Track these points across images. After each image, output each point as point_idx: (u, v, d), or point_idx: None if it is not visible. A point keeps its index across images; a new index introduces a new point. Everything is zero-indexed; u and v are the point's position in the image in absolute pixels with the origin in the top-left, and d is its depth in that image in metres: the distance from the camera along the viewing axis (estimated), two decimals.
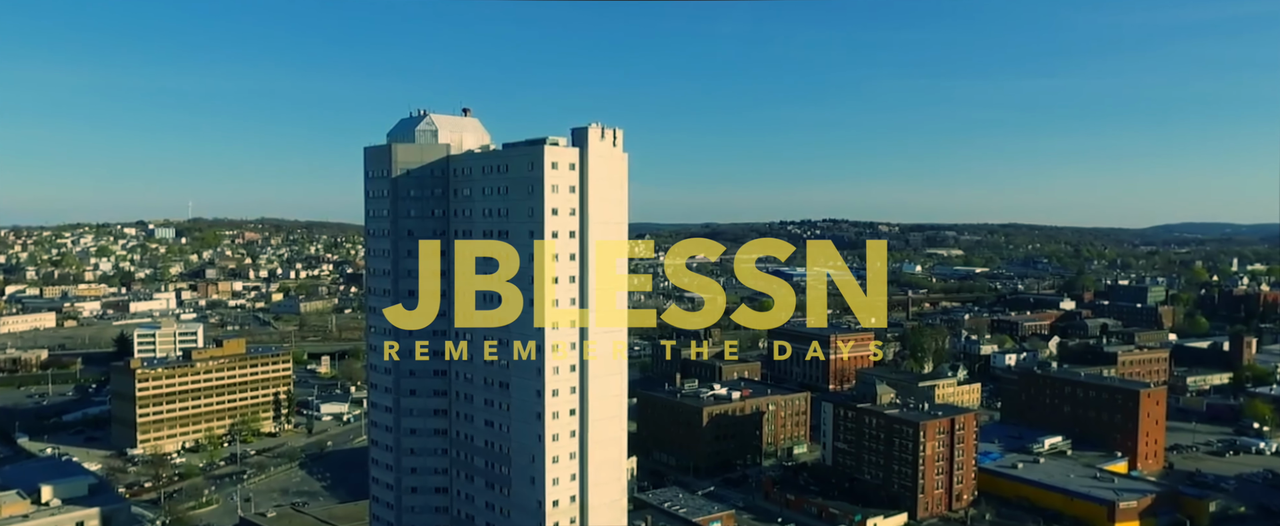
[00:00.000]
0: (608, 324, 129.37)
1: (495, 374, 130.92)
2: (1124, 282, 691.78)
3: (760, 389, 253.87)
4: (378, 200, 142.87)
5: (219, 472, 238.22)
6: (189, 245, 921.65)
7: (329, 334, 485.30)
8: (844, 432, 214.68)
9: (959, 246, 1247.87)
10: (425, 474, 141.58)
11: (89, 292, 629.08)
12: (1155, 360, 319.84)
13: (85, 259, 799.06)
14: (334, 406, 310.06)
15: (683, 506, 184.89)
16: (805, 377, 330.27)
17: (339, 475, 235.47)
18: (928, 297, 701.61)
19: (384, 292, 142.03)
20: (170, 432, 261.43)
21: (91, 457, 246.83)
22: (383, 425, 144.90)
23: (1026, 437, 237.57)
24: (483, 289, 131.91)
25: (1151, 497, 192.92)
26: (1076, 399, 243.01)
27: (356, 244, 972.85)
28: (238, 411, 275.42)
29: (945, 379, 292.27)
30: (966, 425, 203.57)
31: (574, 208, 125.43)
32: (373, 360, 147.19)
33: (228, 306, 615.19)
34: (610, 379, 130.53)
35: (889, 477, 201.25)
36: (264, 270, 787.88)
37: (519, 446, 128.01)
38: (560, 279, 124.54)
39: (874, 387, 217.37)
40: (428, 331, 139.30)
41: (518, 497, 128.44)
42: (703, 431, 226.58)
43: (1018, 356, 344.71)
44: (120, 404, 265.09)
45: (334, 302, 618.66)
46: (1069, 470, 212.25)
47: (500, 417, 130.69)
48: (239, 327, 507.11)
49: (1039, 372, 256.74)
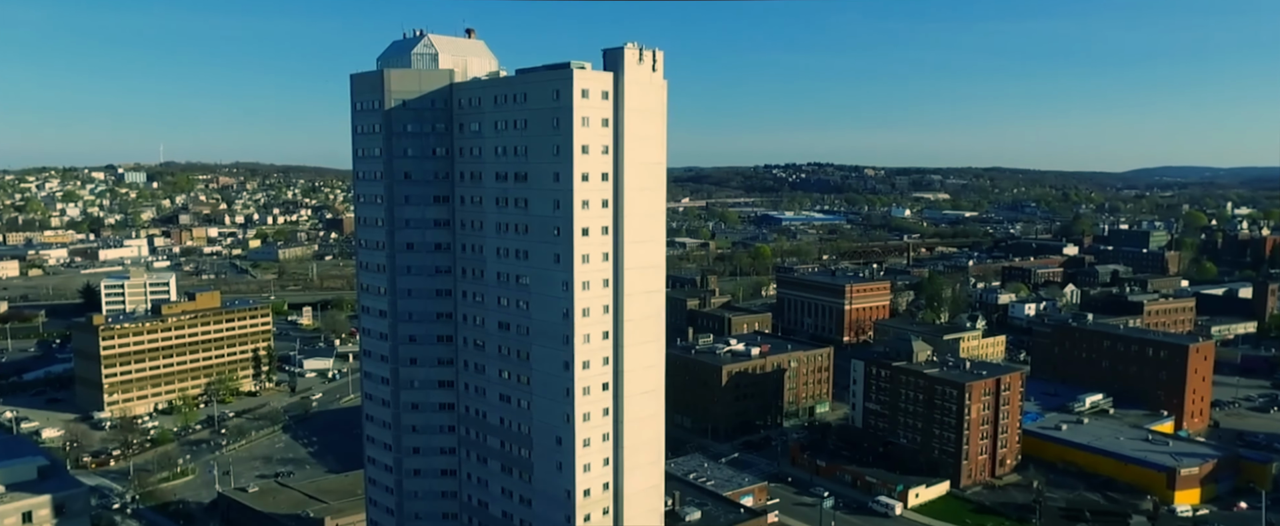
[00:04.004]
0: (645, 284, 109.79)
1: (512, 342, 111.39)
2: (1123, 227, 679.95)
3: (779, 344, 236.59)
4: (368, 137, 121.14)
5: (195, 437, 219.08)
6: (161, 190, 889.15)
7: (310, 283, 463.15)
8: (877, 393, 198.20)
9: (945, 190, 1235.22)
10: (429, 454, 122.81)
11: (55, 239, 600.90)
12: (1181, 309, 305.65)
13: (51, 204, 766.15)
14: (318, 362, 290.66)
15: (710, 478, 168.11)
16: (818, 329, 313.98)
17: (326, 440, 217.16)
18: (923, 243, 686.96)
19: (377, 246, 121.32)
20: (140, 394, 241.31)
21: (53, 422, 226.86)
22: (378, 398, 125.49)
23: (1064, 395, 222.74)
24: (497, 243, 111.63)
25: (1213, 463, 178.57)
26: (1116, 353, 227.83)
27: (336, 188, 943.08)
28: (214, 369, 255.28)
29: (968, 331, 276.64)
30: (1012, 385, 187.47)
31: (607, 145, 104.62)
32: (366, 324, 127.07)
33: (203, 253, 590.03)
34: (647, 347, 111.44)
35: (928, 442, 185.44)
36: (240, 216, 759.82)
37: (542, 426, 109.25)
38: (591, 231, 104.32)
39: (909, 344, 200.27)
40: (430, 292, 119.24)
41: (541, 484, 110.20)
42: (722, 392, 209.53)
43: (1037, 306, 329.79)
44: (85, 363, 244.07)
45: (314, 249, 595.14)
46: (1117, 432, 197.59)
47: (519, 392, 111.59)
48: (215, 276, 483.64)
49: (1074, 325, 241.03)
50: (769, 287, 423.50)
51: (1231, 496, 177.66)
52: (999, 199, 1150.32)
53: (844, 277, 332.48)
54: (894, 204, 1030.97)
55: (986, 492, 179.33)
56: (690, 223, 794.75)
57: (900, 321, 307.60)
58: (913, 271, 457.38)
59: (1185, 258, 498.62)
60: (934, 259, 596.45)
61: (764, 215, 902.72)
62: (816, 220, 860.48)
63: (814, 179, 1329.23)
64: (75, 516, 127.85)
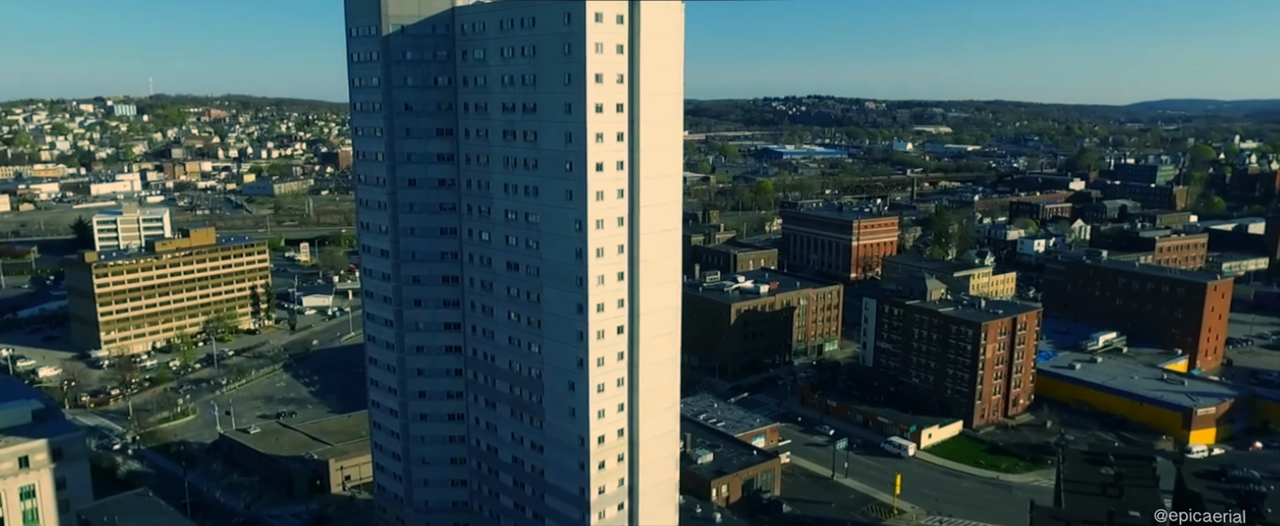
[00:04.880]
0: (661, 222, 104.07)
1: (522, 283, 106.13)
2: (1129, 161, 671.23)
3: (788, 282, 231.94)
4: (365, 65, 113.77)
5: (194, 376, 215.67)
6: (152, 123, 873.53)
7: (306, 218, 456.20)
8: (889, 332, 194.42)
9: (947, 123, 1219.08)
10: (436, 398, 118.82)
11: (46, 174, 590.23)
12: (1193, 246, 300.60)
13: (40, 137, 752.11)
14: (317, 299, 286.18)
15: (721, 419, 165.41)
16: (824, 265, 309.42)
17: (327, 379, 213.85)
18: (926, 177, 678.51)
19: (377, 182, 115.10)
20: (137, 332, 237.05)
21: (50, 360, 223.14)
22: (382, 341, 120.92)
23: (1076, 333, 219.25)
24: (504, 179, 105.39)
25: (1229, 403, 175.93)
26: (1131, 291, 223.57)
27: (330, 122, 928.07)
28: (211, 307, 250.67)
29: (978, 268, 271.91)
30: (1028, 325, 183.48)
31: (623, 74, 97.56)
32: (368, 264, 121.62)
33: (197, 188, 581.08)
34: (663, 288, 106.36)
35: (942, 382, 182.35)
36: (233, 150, 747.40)
37: (554, 371, 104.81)
38: (605, 166, 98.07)
39: (923, 282, 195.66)
40: (434, 230, 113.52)
41: (553, 431, 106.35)
42: (731, 330, 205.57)
43: (1046, 242, 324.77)
44: (79, 301, 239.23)
45: (310, 184, 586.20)
46: (1131, 371, 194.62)
47: (529, 335, 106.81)
48: (210, 211, 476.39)
49: (1088, 263, 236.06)
50: (773, 223, 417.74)
51: (1246, 436, 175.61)
52: (1001, 132, 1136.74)
53: (851, 213, 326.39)
54: (895, 137, 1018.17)
55: (999, 433, 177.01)
56: (690, 156, 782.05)
57: (908, 258, 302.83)
58: (918, 206, 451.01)
59: (1193, 192, 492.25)
60: (937, 193, 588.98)
61: (764, 149, 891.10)
62: (817, 154, 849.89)
63: (814, 112, 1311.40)
64: (73, 460, 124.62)
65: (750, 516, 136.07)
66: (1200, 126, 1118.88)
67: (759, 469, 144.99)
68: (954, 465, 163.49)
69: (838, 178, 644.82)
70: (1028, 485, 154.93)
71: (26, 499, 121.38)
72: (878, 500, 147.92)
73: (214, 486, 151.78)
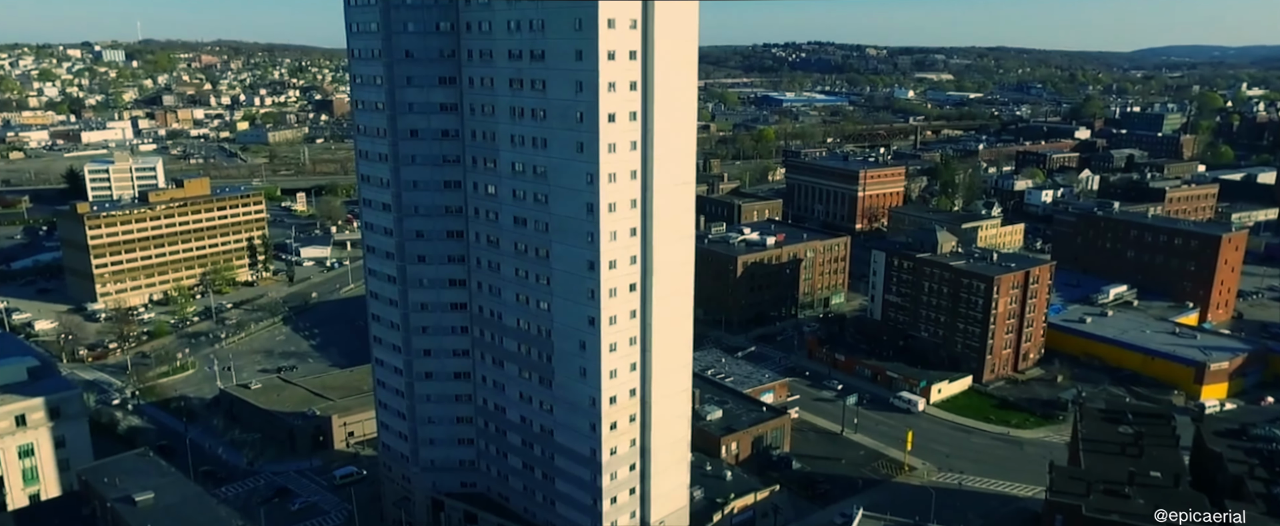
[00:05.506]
0: (675, 174, 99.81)
1: (530, 239, 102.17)
2: (1134, 110, 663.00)
3: (794, 234, 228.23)
4: (363, 9, 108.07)
5: (193, 330, 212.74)
6: (141, 69, 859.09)
7: (302, 167, 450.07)
8: (898, 285, 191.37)
9: (948, 70, 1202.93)
10: (441, 356, 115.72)
11: (35, 121, 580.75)
12: (1203, 196, 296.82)
13: (27, 84, 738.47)
14: (315, 250, 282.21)
15: (729, 374, 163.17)
16: (829, 215, 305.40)
17: (328, 332, 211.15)
18: (928, 125, 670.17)
19: (378, 132, 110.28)
20: (134, 284, 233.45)
21: (46, 313, 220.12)
22: (385, 297, 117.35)
23: (1086, 286, 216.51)
24: (511, 130, 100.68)
25: (1243, 357, 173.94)
26: (1142, 243, 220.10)
27: (324, 68, 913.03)
28: (208, 259, 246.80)
29: (985, 219, 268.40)
30: (1041, 278, 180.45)
31: (635, 19, 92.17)
32: (368, 218, 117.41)
33: (190, 136, 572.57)
34: (677, 244, 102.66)
35: (952, 336, 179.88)
36: (226, 97, 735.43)
37: (564, 330, 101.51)
38: (618, 116, 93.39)
39: (933, 235, 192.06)
40: (437, 183, 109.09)
41: (564, 391, 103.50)
42: (737, 283, 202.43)
43: (1054, 192, 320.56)
44: (73, 253, 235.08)
45: (304, 132, 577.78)
46: (1142, 324, 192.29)
47: (538, 293, 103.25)
48: (203, 160, 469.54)
49: (1100, 214, 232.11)
50: (775, 172, 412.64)
51: (1257, 390, 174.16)
52: (1003, 80, 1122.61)
53: (857, 163, 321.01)
54: (896, 85, 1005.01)
55: (1009, 387, 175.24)
56: None
57: (915, 209, 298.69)
58: (922, 156, 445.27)
59: (1201, 141, 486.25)
60: (940, 142, 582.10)
61: (764, 96, 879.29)
62: (818, 101, 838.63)
63: (814, 58, 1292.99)
64: (71, 419, 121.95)
65: (760, 473, 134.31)
66: (1205, 73, 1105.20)
67: (769, 425, 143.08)
68: (964, 420, 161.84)
69: (839, 126, 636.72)
70: (1039, 441, 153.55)
71: (25, 457, 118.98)
72: (888, 456, 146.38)
73: (216, 443, 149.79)
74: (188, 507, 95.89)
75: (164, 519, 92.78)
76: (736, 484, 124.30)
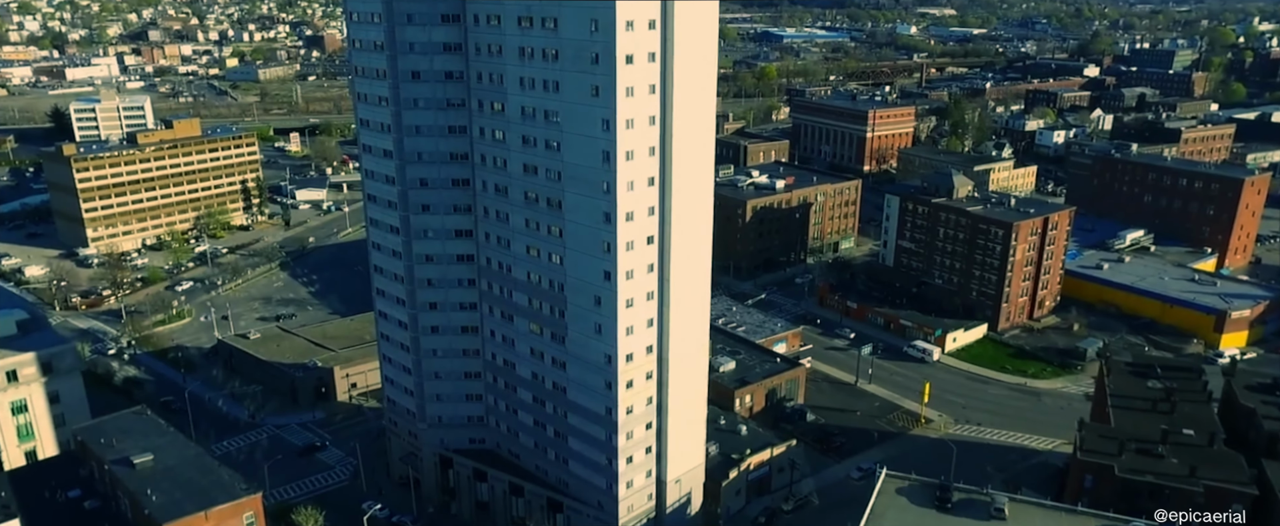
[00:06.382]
0: (695, 118, 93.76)
1: (541, 188, 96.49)
2: (1144, 46, 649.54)
3: (803, 176, 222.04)
4: None
5: (188, 276, 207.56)
6: (125, 3, 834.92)
7: (295, 106, 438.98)
8: (912, 230, 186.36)
9: (951, 5, 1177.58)
10: (448, 309, 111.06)
11: (17, 56, 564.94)
12: (1219, 136, 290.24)
13: (6, 17, 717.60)
14: (311, 192, 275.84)
15: (740, 323, 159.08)
16: (836, 157, 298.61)
17: (327, 278, 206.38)
18: (933, 62, 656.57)
19: (377, 74, 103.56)
20: (125, 229, 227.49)
21: (36, 259, 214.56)
22: (388, 248, 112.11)
23: (1102, 231, 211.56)
24: (520, 72, 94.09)
25: (1264, 304, 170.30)
26: (1161, 187, 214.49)
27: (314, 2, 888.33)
28: (201, 202, 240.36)
29: (997, 161, 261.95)
30: (1060, 225, 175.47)
31: None
32: (369, 165, 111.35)
33: (177, 73, 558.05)
34: (697, 193, 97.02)
35: (967, 283, 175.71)
36: (213, 32, 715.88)
37: (577, 284, 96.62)
38: (636, 57, 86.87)
39: (949, 179, 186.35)
40: (441, 128, 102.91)
41: (578, 348, 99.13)
42: (746, 228, 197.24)
43: (1066, 133, 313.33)
44: (61, 196, 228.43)
45: (296, 69, 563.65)
46: (1160, 271, 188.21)
47: (550, 245, 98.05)
48: (192, 98, 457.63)
49: (1117, 156, 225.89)
50: (779, 111, 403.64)
51: (1276, 338, 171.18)
52: (1007, 15, 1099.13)
53: (866, 103, 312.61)
54: (899, 20, 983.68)
55: (1025, 336, 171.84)
56: None
57: (924, 150, 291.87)
58: (928, 94, 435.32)
59: (1213, 79, 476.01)
60: (945, 80, 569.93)
61: (764, 32, 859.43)
62: (820, 37, 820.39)
63: None
64: (65, 374, 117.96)
65: (773, 426, 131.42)
66: (1213, 7, 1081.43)
67: (783, 377, 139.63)
68: (980, 370, 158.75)
69: (842, 63, 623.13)
70: (1056, 392, 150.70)
71: (19, 414, 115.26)
72: (903, 408, 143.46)
73: (216, 395, 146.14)
74: (189, 469, 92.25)
75: (164, 482, 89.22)
76: (752, 438, 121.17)
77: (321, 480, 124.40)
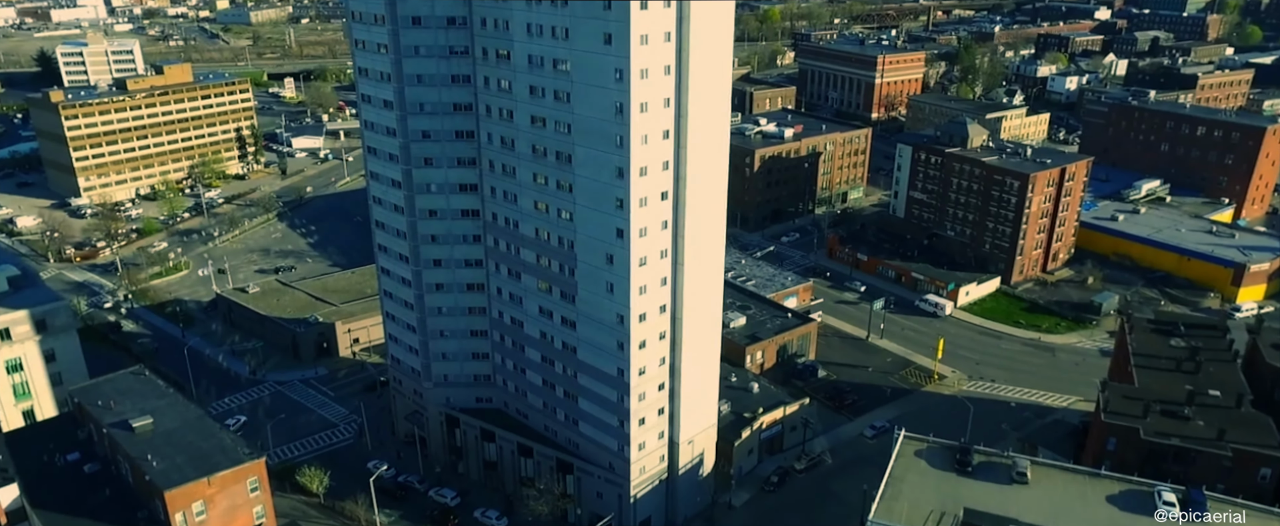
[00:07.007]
0: (711, 69, 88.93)
1: (550, 141, 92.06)
2: None
3: (812, 125, 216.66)
4: None
5: (183, 227, 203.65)
6: None
7: (288, 50, 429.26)
8: (924, 181, 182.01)
9: None
10: (453, 267, 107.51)
11: None
12: (1237, 82, 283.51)
13: None
14: (307, 140, 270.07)
15: (750, 277, 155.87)
16: (844, 103, 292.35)
17: (326, 229, 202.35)
18: (940, 5, 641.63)
19: (376, 20, 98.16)
20: (118, 178, 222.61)
21: (27, 209, 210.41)
22: (389, 203, 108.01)
23: (1116, 181, 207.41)
24: (526, 18, 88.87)
25: None
26: (1178, 136, 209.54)
27: None
28: (195, 151, 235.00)
29: (1010, 108, 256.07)
30: (1077, 176, 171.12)
31: None
32: (369, 116, 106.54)
33: (167, 15, 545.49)
34: (712, 147, 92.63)
35: (980, 236, 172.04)
36: None
37: (588, 242, 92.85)
38: (650, 1, 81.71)
39: (964, 128, 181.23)
40: (444, 77, 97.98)
41: (588, 307, 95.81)
42: (754, 178, 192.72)
43: (1079, 79, 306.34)
44: (50, 144, 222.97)
45: (288, 11, 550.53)
46: (1177, 222, 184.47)
47: (559, 201, 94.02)
48: (183, 42, 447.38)
49: (1135, 104, 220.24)
50: (784, 56, 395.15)
51: None
52: None
53: (874, 48, 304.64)
54: None
55: (1038, 289, 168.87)
56: None
57: (934, 97, 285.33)
58: (937, 38, 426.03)
59: (1228, 22, 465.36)
60: (953, 24, 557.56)
61: None
62: None
63: None
64: (59, 331, 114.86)
65: (784, 382, 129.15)
66: None
67: (794, 333, 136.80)
68: (992, 325, 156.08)
69: (847, 6, 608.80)
70: (1071, 347, 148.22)
71: (14, 372, 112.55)
72: (916, 363, 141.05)
73: (216, 350, 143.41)
74: (189, 432, 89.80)
75: (164, 446, 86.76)
76: (764, 396, 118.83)
77: (325, 438, 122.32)
